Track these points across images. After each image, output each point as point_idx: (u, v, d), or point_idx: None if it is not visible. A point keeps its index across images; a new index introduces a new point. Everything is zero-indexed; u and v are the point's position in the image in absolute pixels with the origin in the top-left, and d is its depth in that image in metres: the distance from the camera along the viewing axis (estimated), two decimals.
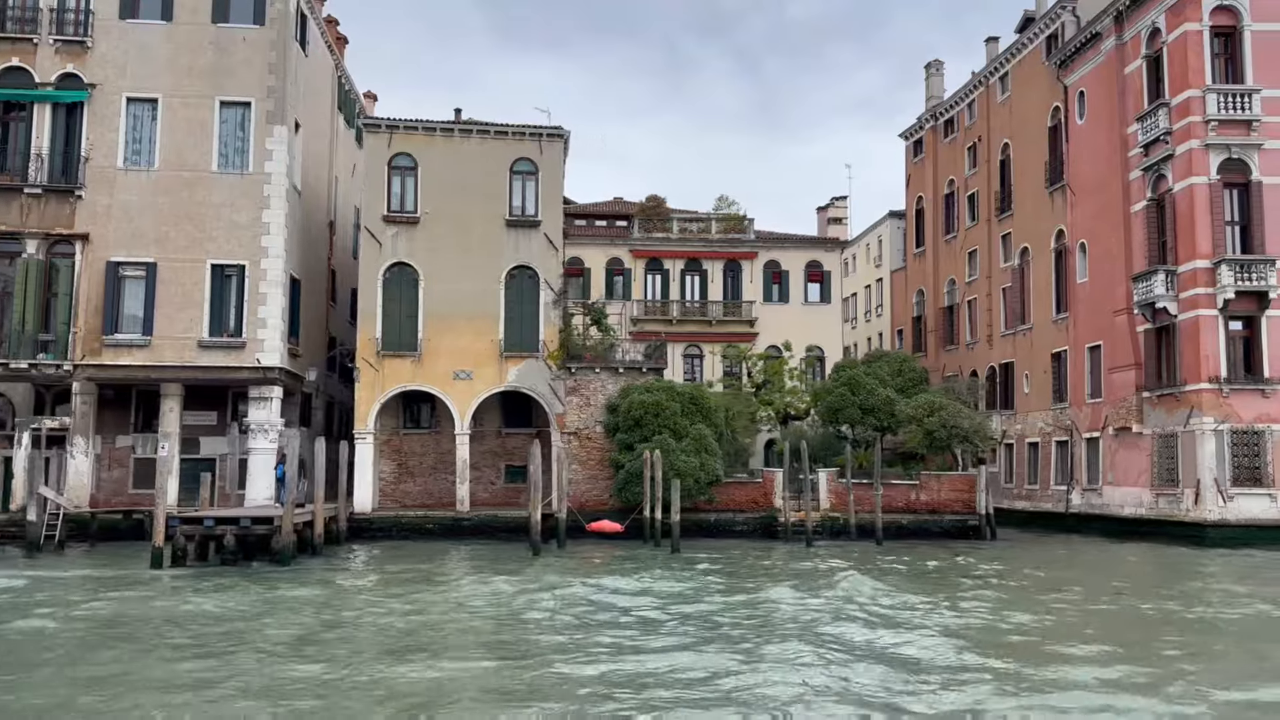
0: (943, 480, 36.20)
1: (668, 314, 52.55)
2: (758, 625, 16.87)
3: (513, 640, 15.39)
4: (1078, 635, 15.92)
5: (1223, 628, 17.21)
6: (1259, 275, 32.84)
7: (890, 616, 17.67)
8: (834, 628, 16.45)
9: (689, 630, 16.21)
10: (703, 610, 18.19)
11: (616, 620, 17.15)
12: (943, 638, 15.54)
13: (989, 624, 17.14)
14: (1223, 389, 32.86)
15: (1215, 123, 33.69)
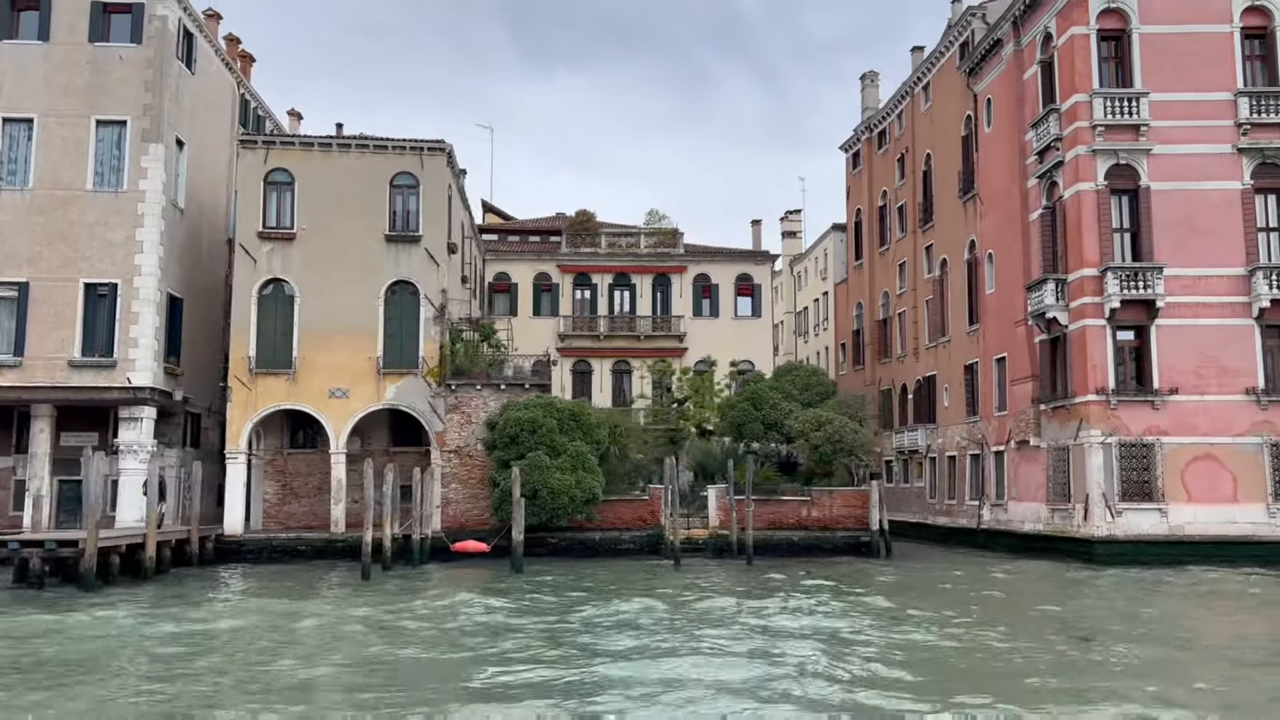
0: (835, 496, 35.44)
1: (595, 329, 52.08)
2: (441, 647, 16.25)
3: (179, 670, 14.69)
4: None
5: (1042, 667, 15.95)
6: (1146, 284, 32.02)
7: (643, 646, 16.97)
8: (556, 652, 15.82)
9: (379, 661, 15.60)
10: (428, 635, 17.61)
11: (313, 650, 16.44)
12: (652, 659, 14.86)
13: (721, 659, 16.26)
14: (1110, 401, 32.01)
15: (1102, 128, 32.96)
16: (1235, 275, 32.35)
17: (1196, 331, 32.21)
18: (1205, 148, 32.90)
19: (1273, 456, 31.58)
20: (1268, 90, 32.83)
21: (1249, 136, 32.79)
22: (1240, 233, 32.58)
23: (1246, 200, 32.70)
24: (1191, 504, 31.44)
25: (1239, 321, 32.21)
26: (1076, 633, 18.22)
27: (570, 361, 52.12)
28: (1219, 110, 33.00)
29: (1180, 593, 25.10)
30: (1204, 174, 32.82)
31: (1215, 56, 33.27)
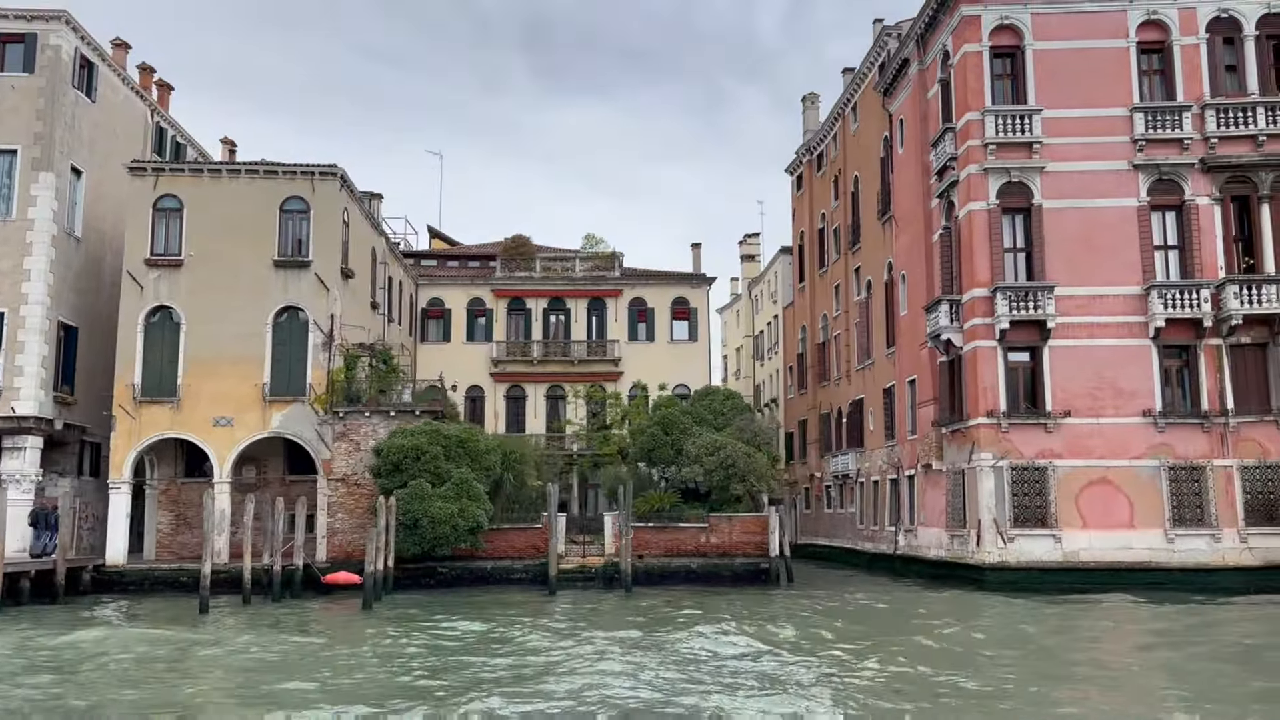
0: (735, 522, 34.74)
1: (529, 354, 51.67)
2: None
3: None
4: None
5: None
6: (1036, 304, 31.36)
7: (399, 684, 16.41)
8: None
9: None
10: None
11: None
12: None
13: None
14: (1001, 424, 31.29)
15: (994, 146, 32.42)
16: (1131, 294, 31.67)
17: (1092, 352, 31.50)
18: (1100, 165, 32.32)
19: (1170, 480, 30.75)
20: (1164, 105, 32.25)
21: (1145, 153, 32.20)
22: (1136, 251, 31.92)
23: (1143, 218, 32.07)
24: (1086, 530, 30.62)
25: (1135, 342, 31.49)
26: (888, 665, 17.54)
27: (504, 387, 51.77)
28: (1114, 126, 32.44)
29: (1052, 621, 24.25)
30: (1099, 191, 32.22)
31: (1111, 72, 32.74)
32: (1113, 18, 33.01)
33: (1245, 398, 31.16)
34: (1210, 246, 31.83)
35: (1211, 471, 30.66)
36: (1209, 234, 31.87)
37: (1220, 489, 30.58)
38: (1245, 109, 31.95)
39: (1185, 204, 32.03)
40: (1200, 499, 30.63)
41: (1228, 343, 31.21)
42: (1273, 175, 31.73)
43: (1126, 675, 17.20)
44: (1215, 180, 31.95)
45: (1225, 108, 32.01)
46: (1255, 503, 30.60)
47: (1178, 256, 32.21)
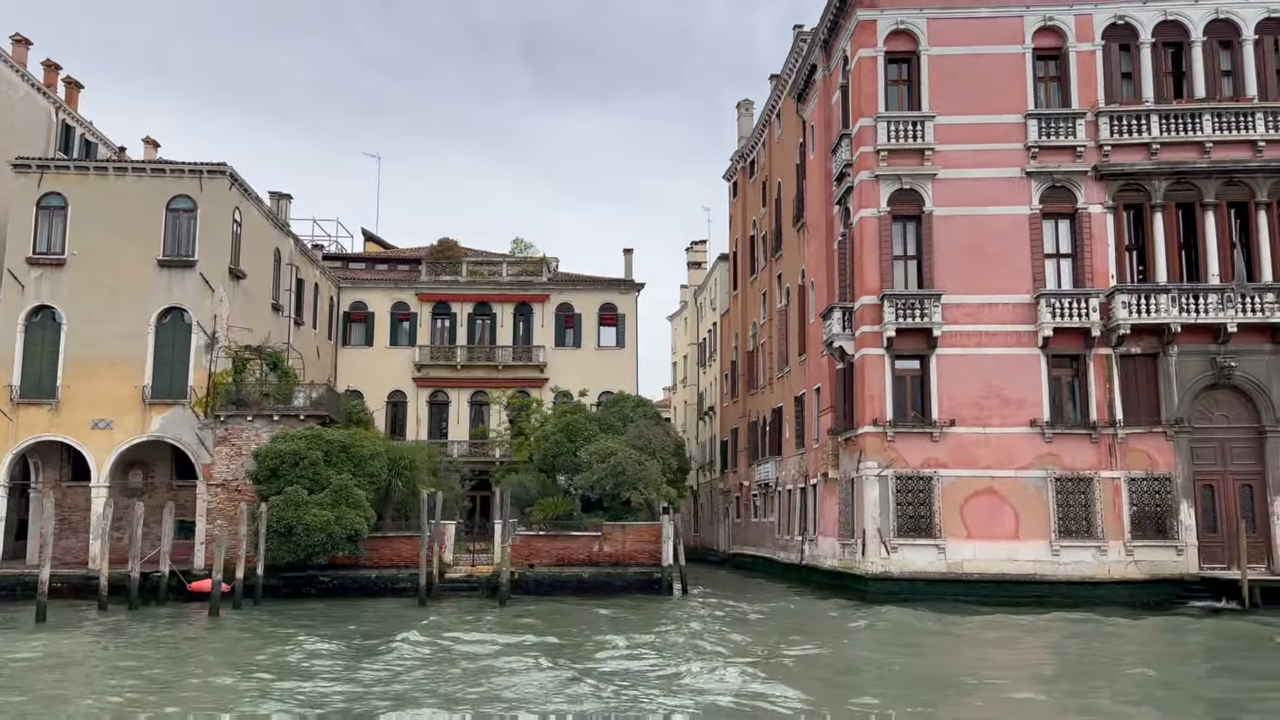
0: (628, 531, 34.26)
1: (452, 359, 51.12)
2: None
3: None
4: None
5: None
6: (923, 312, 30.96)
7: None
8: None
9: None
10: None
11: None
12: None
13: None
14: (887, 433, 30.86)
15: (885, 152, 32.06)
16: (1021, 303, 31.30)
17: (980, 361, 31.10)
18: (993, 172, 31.98)
19: (1057, 491, 30.35)
20: (1058, 112, 31.93)
21: (1038, 160, 31.87)
22: (1028, 259, 31.56)
23: (1034, 226, 31.73)
24: (971, 540, 30.19)
25: (1024, 351, 31.12)
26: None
27: (427, 392, 51.22)
28: (1008, 133, 32.10)
29: (917, 633, 23.80)
30: (991, 199, 31.87)
31: (1007, 78, 32.42)
32: (1009, 23, 32.70)
33: (1135, 408, 30.79)
34: (1102, 255, 31.50)
35: (1099, 483, 30.28)
36: (1101, 242, 31.55)
37: (1107, 500, 30.19)
38: (1139, 117, 31.65)
39: (1078, 212, 31.71)
40: (1087, 510, 30.24)
41: (1117, 352, 30.86)
42: (1166, 183, 31.42)
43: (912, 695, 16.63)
44: (1108, 188, 31.64)
45: (1119, 115, 31.72)
46: (1142, 515, 30.22)
47: (1070, 265, 31.84)
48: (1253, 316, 29.98)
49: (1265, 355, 30.48)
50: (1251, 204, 31.28)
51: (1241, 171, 31.16)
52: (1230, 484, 30.37)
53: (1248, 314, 30.02)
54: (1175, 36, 32.41)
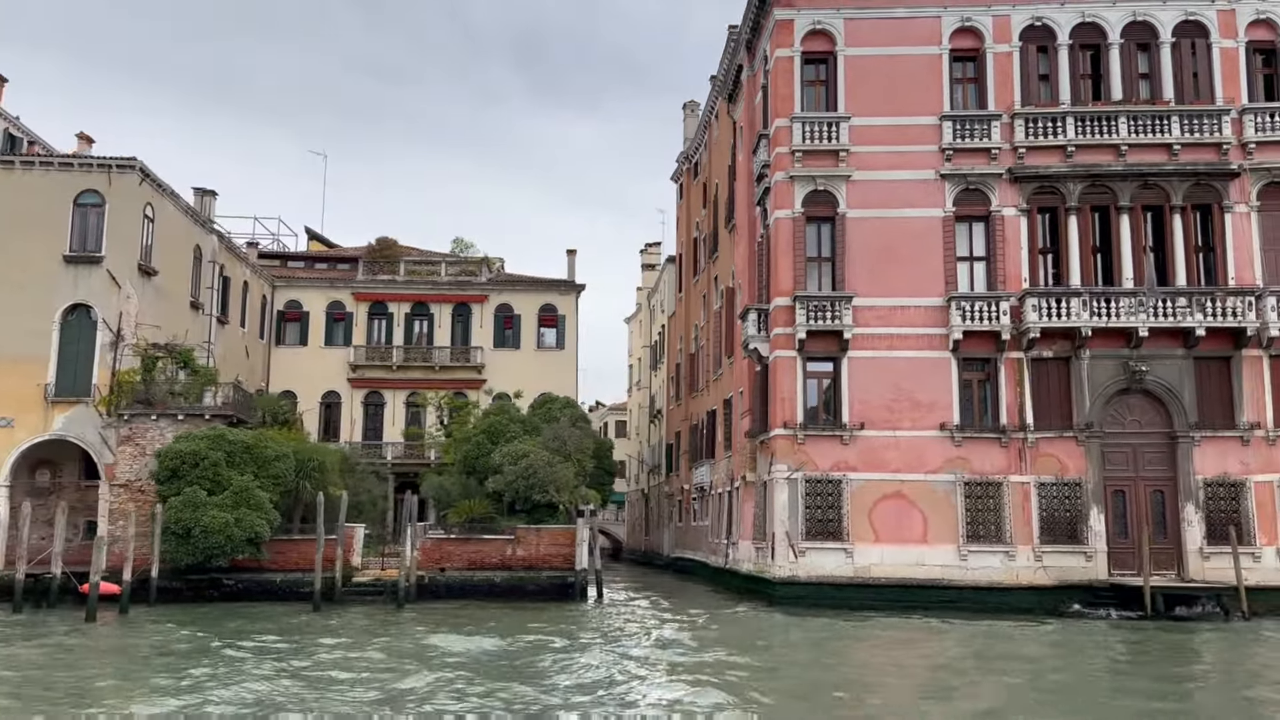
0: (542, 534, 33.74)
1: (388, 360, 50.52)
2: None
3: None
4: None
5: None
6: (834, 314, 30.65)
7: None
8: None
9: None
10: None
11: None
12: None
13: None
14: (798, 435, 30.53)
15: (800, 153, 31.75)
16: (933, 305, 31.04)
17: (891, 364, 30.81)
18: (908, 174, 31.73)
19: (966, 496, 30.06)
20: (973, 114, 31.72)
21: (952, 162, 31.63)
22: (940, 261, 31.29)
23: (947, 228, 31.48)
24: (879, 544, 29.88)
25: (936, 354, 30.84)
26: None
27: (362, 393, 50.61)
28: (923, 135, 31.86)
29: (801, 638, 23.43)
30: (906, 201, 31.61)
31: (923, 80, 32.18)
32: (927, 24, 32.48)
33: (1046, 413, 30.54)
34: (1015, 258, 31.27)
35: (1008, 487, 30.02)
36: (1014, 245, 31.32)
37: (1016, 505, 29.93)
38: (1055, 119, 31.45)
39: (992, 215, 31.49)
40: (996, 515, 29.97)
41: (1029, 356, 30.61)
42: (1080, 186, 31.23)
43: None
44: (1022, 191, 31.42)
45: (1035, 117, 31.51)
46: (1052, 520, 29.97)
47: (985, 268, 31.59)
48: (1164, 321, 29.79)
49: (1178, 360, 30.30)
50: (1167, 207, 31.12)
51: (1157, 175, 31.00)
52: (1142, 490, 30.16)
53: (1159, 318, 29.82)
54: (1093, 38, 32.24)
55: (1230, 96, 31.42)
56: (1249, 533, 29.28)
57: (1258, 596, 28.12)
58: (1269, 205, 31.02)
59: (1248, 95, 31.55)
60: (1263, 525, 29.44)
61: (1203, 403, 30.19)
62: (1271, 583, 28.89)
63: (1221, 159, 30.97)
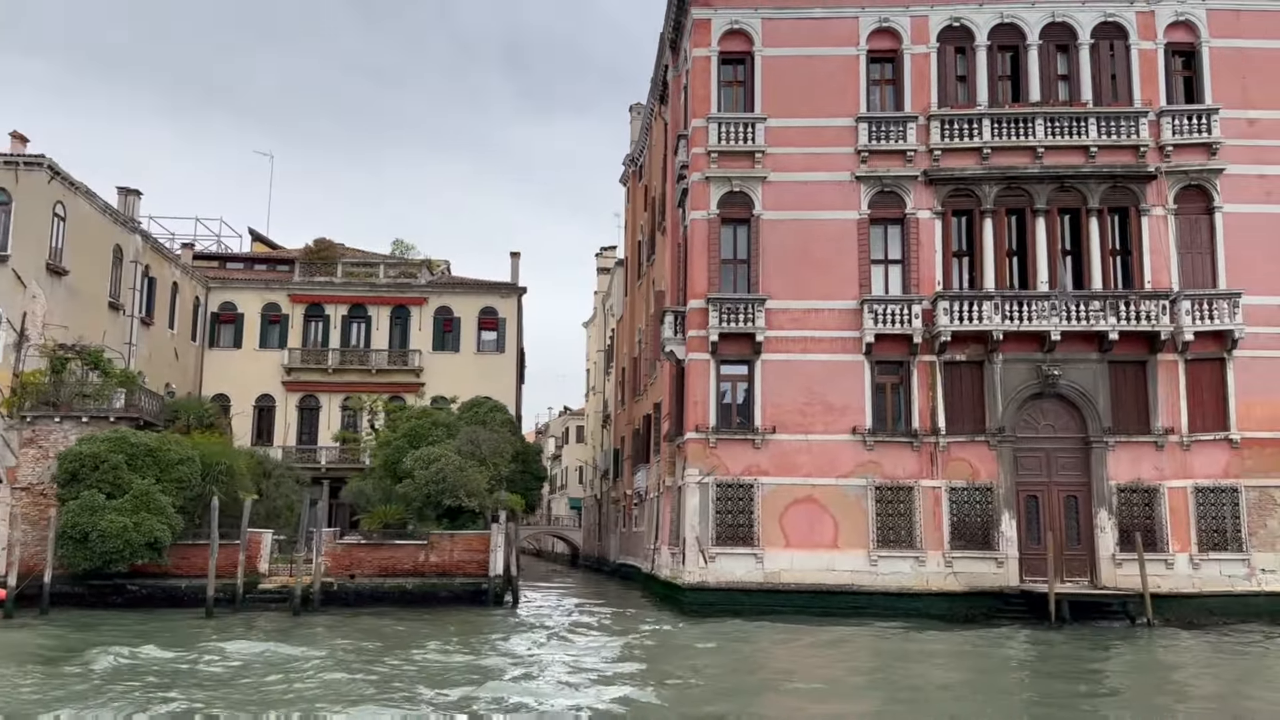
0: (456, 540, 33.21)
1: (323, 362, 49.88)
2: None
3: None
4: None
5: None
6: (747, 317, 30.28)
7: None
8: None
9: None
10: None
11: None
12: None
13: None
14: (710, 439, 30.12)
15: (716, 154, 31.39)
16: (847, 308, 30.68)
17: (804, 367, 30.46)
18: (823, 175, 31.41)
19: (877, 500, 29.69)
20: (889, 116, 31.42)
21: (868, 164, 31.30)
22: (855, 264, 30.94)
23: (862, 231, 31.15)
24: (790, 549, 29.49)
25: (849, 357, 30.49)
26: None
27: (297, 397, 49.96)
28: (840, 136, 31.53)
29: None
30: (821, 203, 31.28)
31: (841, 81, 31.86)
32: (845, 25, 32.17)
33: (959, 417, 30.23)
34: (930, 261, 30.96)
35: (919, 492, 29.68)
36: (929, 248, 31.01)
37: (927, 510, 29.59)
38: (971, 121, 31.17)
39: (907, 217, 31.17)
40: (907, 520, 29.61)
41: (941, 360, 30.27)
42: (996, 189, 30.95)
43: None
44: (938, 193, 31.12)
45: (950, 119, 31.22)
46: (963, 525, 29.64)
47: (900, 271, 31.26)
48: (1076, 325, 29.51)
49: (1092, 364, 30.03)
50: (1083, 210, 30.87)
51: (1073, 177, 30.76)
52: (1055, 495, 29.85)
53: (1072, 322, 29.54)
54: (1012, 40, 31.99)
55: (1148, 98, 31.20)
56: (1162, 539, 29.02)
57: (1169, 603, 27.87)
58: (1186, 208, 30.80)
59: (1166, 97, 31.33)
60: (1176, 532, 29.17)
61: (1117, 407, 29.93)
62: (1183, 589, 28.64)
63: (1139, 162, 30.74)
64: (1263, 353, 29.86)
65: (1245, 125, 31.11)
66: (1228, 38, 31.53)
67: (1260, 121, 31.13)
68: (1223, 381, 29.88)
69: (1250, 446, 29.45)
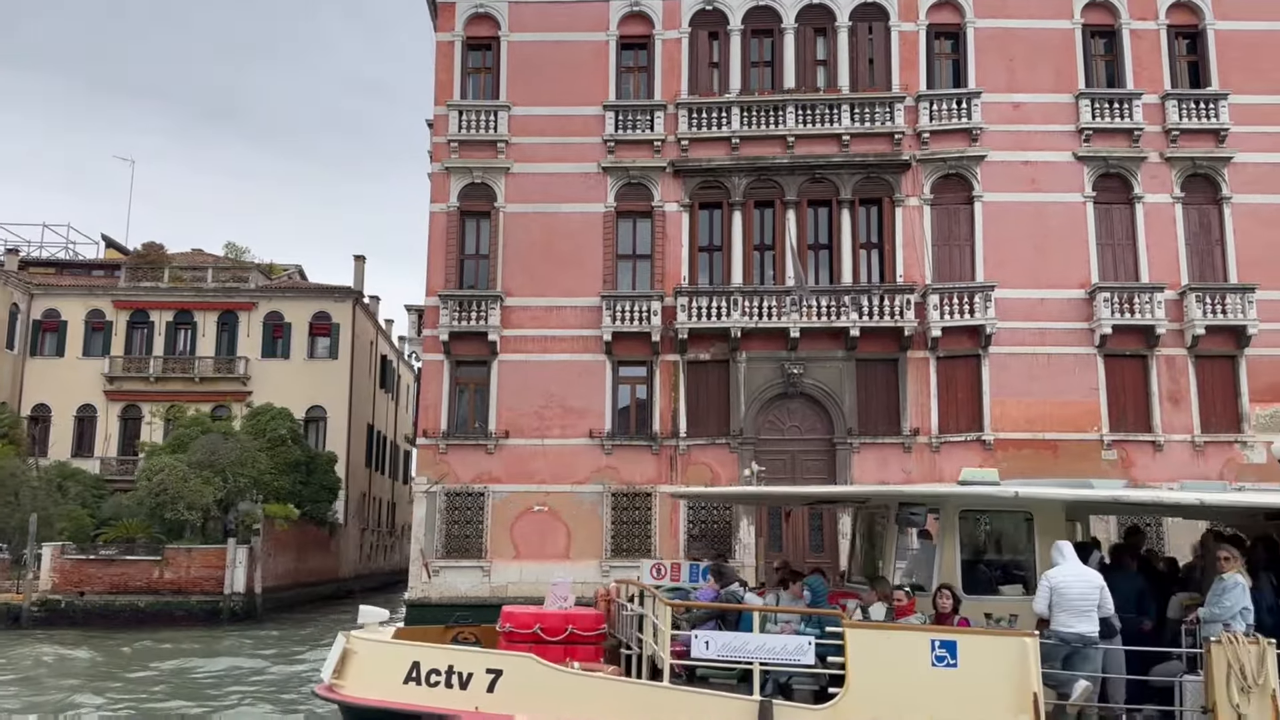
0: (194, 555, 31.61)
1: (145, 371, 48.14)
2: None
3: None
4: None
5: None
6: (480, 314, 28.76)
7: None
8: None
9: None
10: None
11: None
12: None
13: None
14: (440, 445, 28.53)
15: (457, 144, 29.89)
16: (589, 306, 29.15)
17: (543, 368, 28.90)
18: (569, 167, 29.90)
19: (613, 507, 28.15)
20: (637, 104, 29.96)
21: (615, 155, 29.88)
22: (600, 260, 29.43)
23: (608, 224, 29.66)
24: (519, 561, 27.89)
25: (590, 357, 28.96)
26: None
27: (119, 407, 48.22)
28: (586, 126, 30.05)
29: None
30: (567, 196, 29.78)
31: (591, 68, 30.40)
32: (595, 9, 30.70)
33: (703, 419, 28.71)
34: (676, 256, 29.49)
35: (657, 498, 28.10)
36: (675, 243, 29.53)
37: (665, 517, 28.06)
38: (720, 109, 29.72)
39: (654, 210, 29.67)
40: (644, 528, 28.07)
41: (685, 359, 28.75)
42: (746, 181, 29.48)
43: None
44: (686, 185, 29.63)
45: (699, 108, 29.77)
46: (702, 533, 28.07)
47: (648, 267, 29.75)
48: (817, 321, 28.02)
49: (837, 362, 28.55)
50: (835, 202, 29.43)
51: (825, 167, 29.31)
52: None
53: (813, 319, 28.05)
54: (768, 23, 30.54)
55: (908, 84, 29.78)
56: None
57: None
58: (944, 198, 29.39)
59: (926, 82, 29.93)
60: None
61: (866, 408, 28.44)
62: None
63: (894, 150, 29.31)
64: (1020, 349, 28.40)
65: (1010, 109, 29.71)
66: (995, 17, 30.15)
67: (1026, 105, 29.72)
68: (977, 380, 28.40)
69: (1005, 448, 27.94)
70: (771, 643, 10.12)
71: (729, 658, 10.18)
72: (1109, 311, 27.93)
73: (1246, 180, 29.01)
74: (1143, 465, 27.70)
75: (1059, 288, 28.54)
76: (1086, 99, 29.37)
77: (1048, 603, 10.00)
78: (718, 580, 12.64)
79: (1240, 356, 28.28)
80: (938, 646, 9.51)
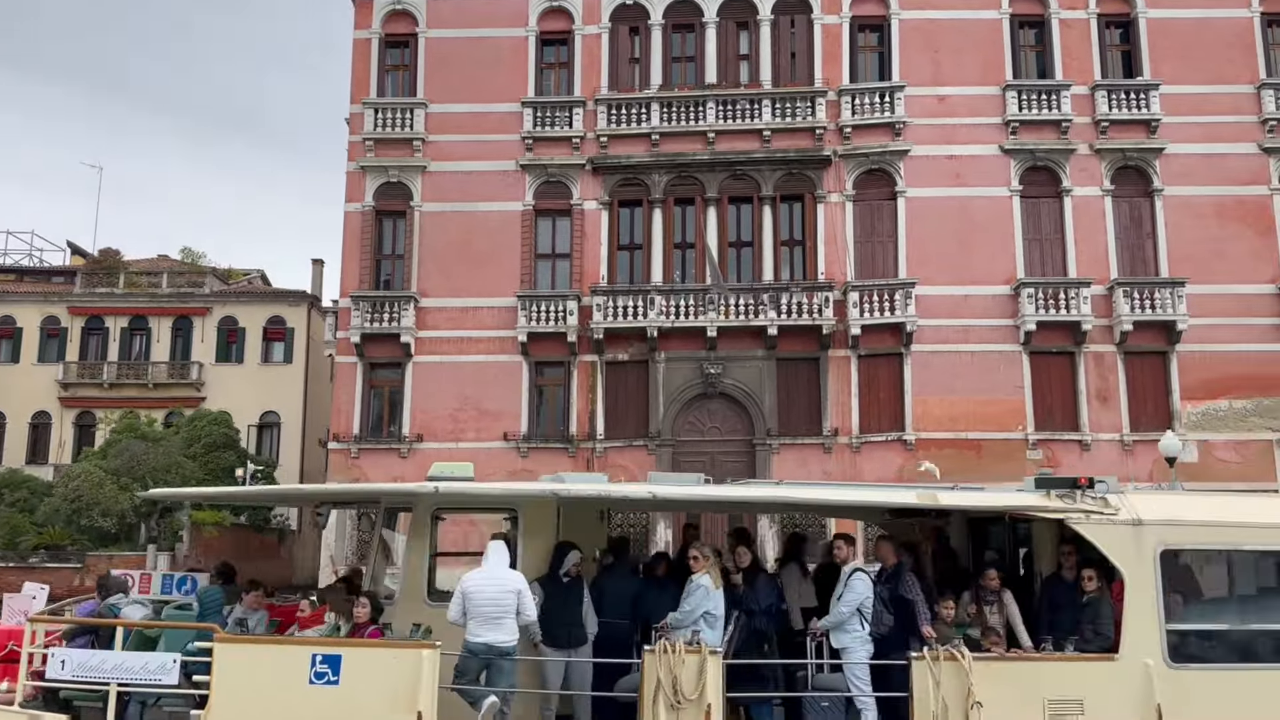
0: (114, 562, 31.01)
1: (99, 377, 47.84)
2: None
3: None
4: None
5: None
6: (394, 316, 28.28)
7: None
8: None
9: None
10: None
11: None
12: None
13: None
14: (352, 449, 28.09)
15: (373, 142, 29.48)
16: (506, 307, 28.66)
17: (460, 369, 28.44)
18: (487, 165, 29.47)
19: None
20: (555, 100, 29.51)
21: (534, 152, 29.39)
22: (518, 259, 28.95)
23: (526, 223, 29.16)
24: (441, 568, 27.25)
25: (507, 358, 28.49)
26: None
27: (74, 413, 47.86)
28: (505, 123, 29.59)
29: None
30: (485, 194, 29.33)
31: (509, 64, 29.95)
32: (514, 4, 30.31)
33: (622, 420, 28.21)
34: (595, 255, 28.99)
35: None
36: (594, 241, 29.02)
37: None
38: (640, 105, 29.26)
39: (573, 208, 29.17)
40: None
41: (603, 360, 28.23)
42: (666, 178, 28.95)
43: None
44: (605, 183, 29.14)
45: (618, 104, 29.29)
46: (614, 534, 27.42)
47: (567, 266, 29.25)
48: (736, 320, 27.45)
49: (757, 361, 27.98)
50: (756, 199, 28.87)
51: (745, 163, 28.78)
52: None
53: (730, 318, 27.48)
54: (689, 18, 30.04)
55: (830, 78, 29.20)
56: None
57: None
58: (866, 194, 28.80)
59: (849, 76, 29.35)
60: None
61: (786, 408, 27.86)
62: None
63: (816, 145, 28.75)
64: (943, 347, 27.76)
65: (935, 103, 29.09)
66: (920, 8, 29.56)
67: (951, 98, 29.10)
68: (899, 379, 27.76)
69: (926, 447, 27.28)
70: (131, 661, 9.12)
71: (85, 678, 9.06)
72: (1034, 308, 27.28)
73: (1178, 172, 28.30)
74: (1069, 465, 26.91)
75: (983, 284, 27.89)
76: (1014, 90, 28.75)
77: (461, 609, 9.02)
78: (99, 593, 11.14)
79: (1171, 353, 27.55)
80: (319, 661, 8.52)
